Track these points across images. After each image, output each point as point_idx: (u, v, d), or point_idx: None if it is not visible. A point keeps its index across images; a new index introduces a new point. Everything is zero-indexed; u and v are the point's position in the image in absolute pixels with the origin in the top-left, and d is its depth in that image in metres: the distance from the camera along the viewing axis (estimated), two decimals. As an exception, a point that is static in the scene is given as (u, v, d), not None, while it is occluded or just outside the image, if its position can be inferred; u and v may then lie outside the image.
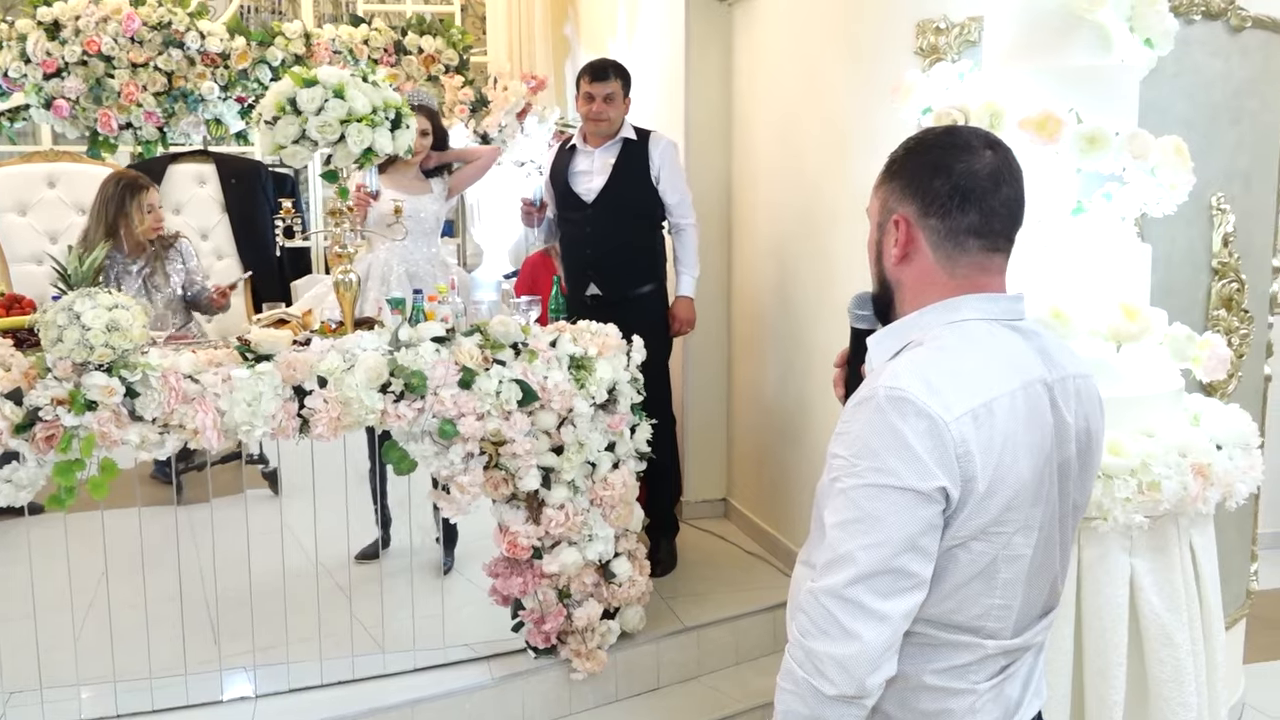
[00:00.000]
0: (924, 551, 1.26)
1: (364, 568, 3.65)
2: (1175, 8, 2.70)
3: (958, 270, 1.38)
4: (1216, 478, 2.22)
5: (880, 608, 1.24)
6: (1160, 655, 2.25)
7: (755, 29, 4.08)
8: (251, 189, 4.91)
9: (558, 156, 4.08)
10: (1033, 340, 1.39)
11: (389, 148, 2.92)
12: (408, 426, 2.83)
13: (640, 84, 4.62)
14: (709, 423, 4.51)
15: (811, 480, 3.69)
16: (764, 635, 3.52)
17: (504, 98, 4.97)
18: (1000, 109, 2.29)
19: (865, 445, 1.27)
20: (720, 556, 4.05)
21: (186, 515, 3.09)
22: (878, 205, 1.45)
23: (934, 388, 1.26)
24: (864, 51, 3.28)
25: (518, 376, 2.90)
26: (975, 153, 1.36)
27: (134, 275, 3.80)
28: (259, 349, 2.76)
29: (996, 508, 1.28)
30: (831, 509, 1.30)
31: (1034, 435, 1.32)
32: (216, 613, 3.02)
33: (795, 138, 3.73)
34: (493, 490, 2.97)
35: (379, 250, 3.77)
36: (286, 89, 2.83)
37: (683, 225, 3.99)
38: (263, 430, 2.68)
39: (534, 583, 3.04)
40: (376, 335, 2.88)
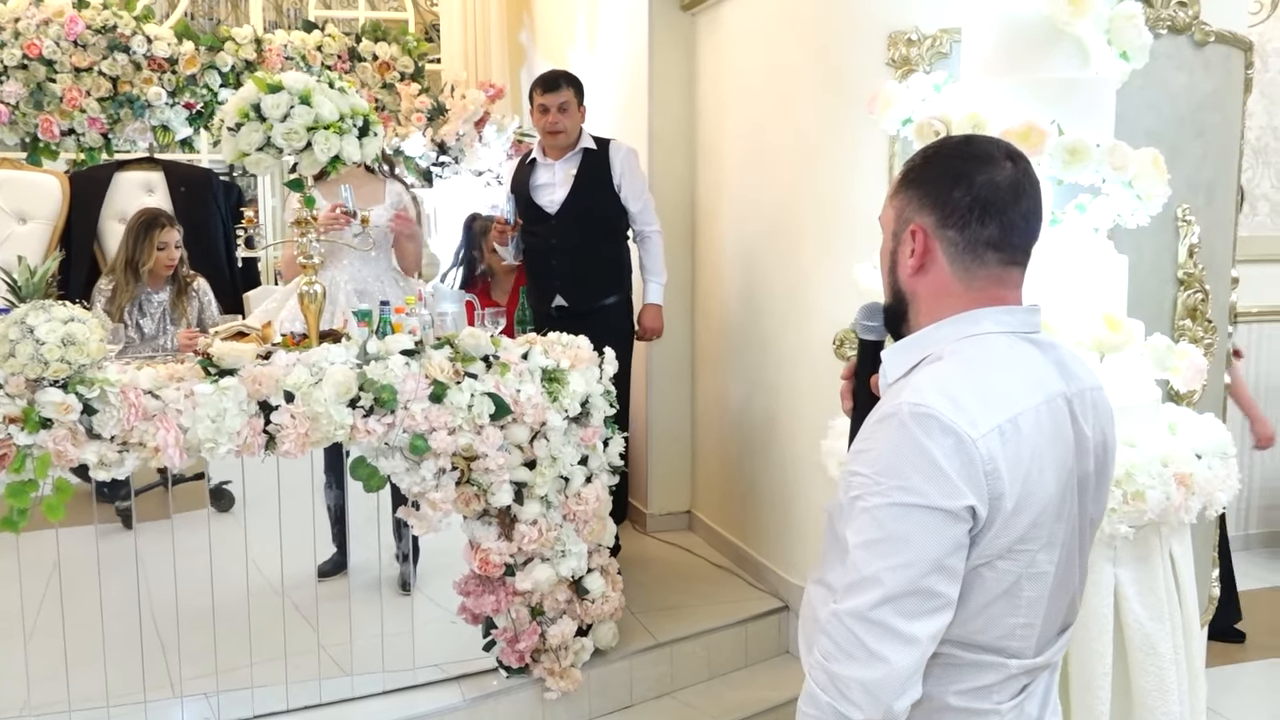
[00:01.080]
0: (951, 571, 1.23)
1: (323, 586, 3.56)
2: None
3: (975, 283, 1.35)
4: (1198, 487, 2.24)
5: (908, 630, 1.21)
6: (1145, 665, 2.26)
7: (719, 37, 4.06)
8: (202, 197, 4.78)
9: (518, 170, 4.04)
10: (1050, 353, 1.37)
11: (356, 155, 2.85)
12: (377, 442, 2.75)
13: (602, 93, 4.60)
14: (672, 434, 4.47)
15: (779, 491, 3.70)
16: (736, 649, 3.49)
17: (462, 106, 4.89)
18: (983, 120, 2.29)
19: (889, 463, 1.24)
20: (688, 569, 4.01)
21: (137, 534, 2.98)
22: (893, 214, 1.42)
23: (959, 404, 1.24)
24: (834, 62, 3.27)
25: (490, 390, 2.84)
26: (996, 163, 1.34)
27: (155, 305, 4.12)
28: (222, 363, 2.66)
29: (1023, 525, 1.26)
30: (854, 528, 1.27)
31: (1058, 450, 1.30)
32: (177, 635, 2.91)
33: (763, 146, 3.71)
34: (464, 506, 2.90)
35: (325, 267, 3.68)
36: (250, 94, 2.74)
37: (647, 233, 3.97)
38: (227, 448, 2.59)
39: (506, 601, 2.97)
40: (344, 348, 2.79)
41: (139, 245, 3.99)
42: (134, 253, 4.00)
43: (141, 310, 4.07)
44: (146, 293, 4.08)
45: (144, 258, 3.99)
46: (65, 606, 2.79)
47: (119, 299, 3.96)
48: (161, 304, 4.10)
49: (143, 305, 4.08)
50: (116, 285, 3.99)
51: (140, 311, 4.06)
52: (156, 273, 4.05)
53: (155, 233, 4.00)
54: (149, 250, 4.00)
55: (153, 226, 4.01)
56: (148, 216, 4.07)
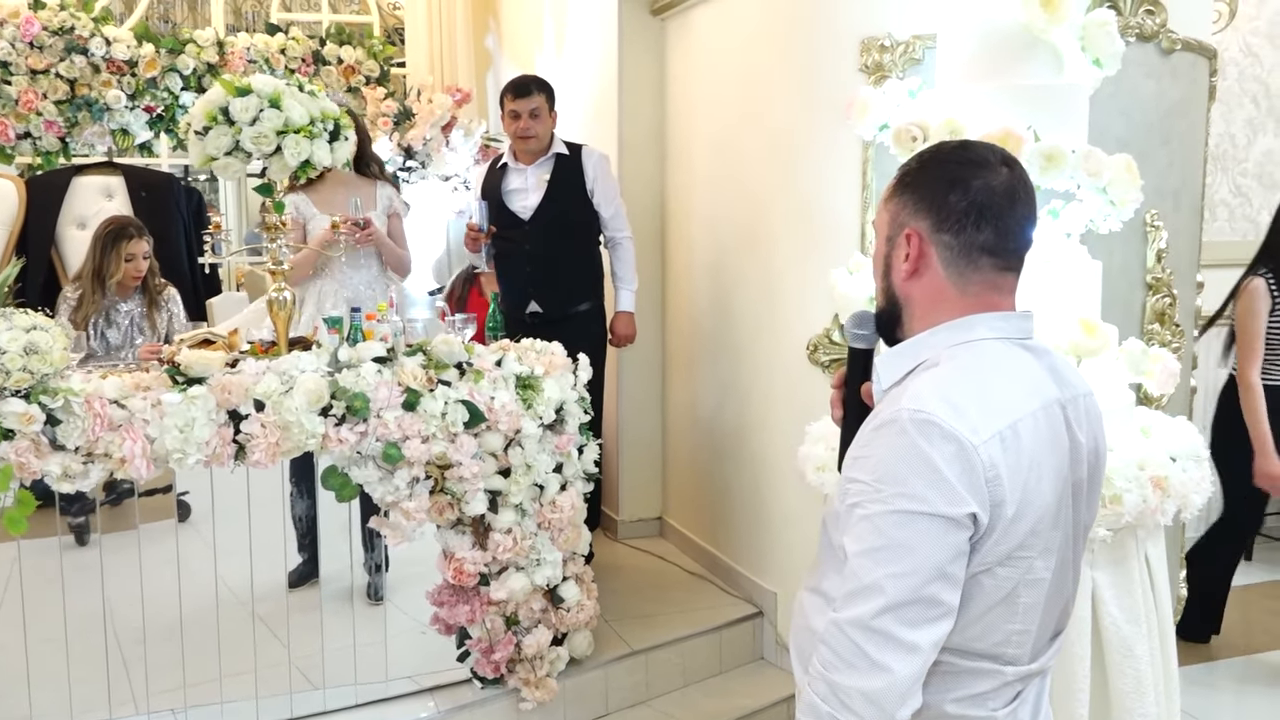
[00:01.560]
0: (953, 579, 1.22)
1: (291, 598, 3.49)
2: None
3: (969, 288, 1.35)
4: (1173, 489, 2.26)
5: (910, 638, 1.20)
6: (1122, 667, 2.27)
7: (689, 43, 4.06)
8: (164, 202, 4.70)
9: (489, 175, 4.00)
10: (1043, 359, 1.37)
11: (327, 160, 2.80)
12: (350, 451, 2.71)
13: (571, 98, 4.57)
14: (643, 440, 4.45)
15: (752, 497, 3.70)
16: (711, 656, 3.48)
17: (429, 110, 4.85)
18: (960, 126, 2.30)
19: (889, 470, 1.23)
20: (662, 577, 3.99)
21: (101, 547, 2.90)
22: (887, 218, 1.41)
23: (959, 410, 1.23)
24: (807, 68, 3.28)
25: (464, 397, 2.81)
26: (992, 169, 1.34)
27: (123, 315, 4.01)
28: (190, 371, 2.61)
29: (1022, 532, 1.25)
30: (854, 536, 1.25)
31: (1055, 457, 1.30)
32: (144, 650, 2.84)
33: (735, 152, 3.71)
34: (437, 515, 2.86)
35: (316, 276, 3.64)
36: (218, 98, 2.69)
37: (619, 239, 3.95)
38: (196, 458, 2.53)
39: (481, 611, 2.94)
40: (315, 356, 2.75)
41: (106, 256, 3.88)
42: (101, 263, 3.89)
43: (108, 320, 3.97)
44: (114, 302, 3.98)
45: (111, 269, 3.89)
46: (27, 621, 2.72)
47: (85, 309, 3.86)
48: (129, 314, 4.00)
49: (110, 315, 3.97)
50: (83, 295, 3.89)
51: (107, 322, 3.96)
52: (124, 284, 3.96)
53: (123, 243, 3.89)
54: (116, 261, 3.88)
55: (120, 237, 3.89)
56: (116, 226, 3.95)
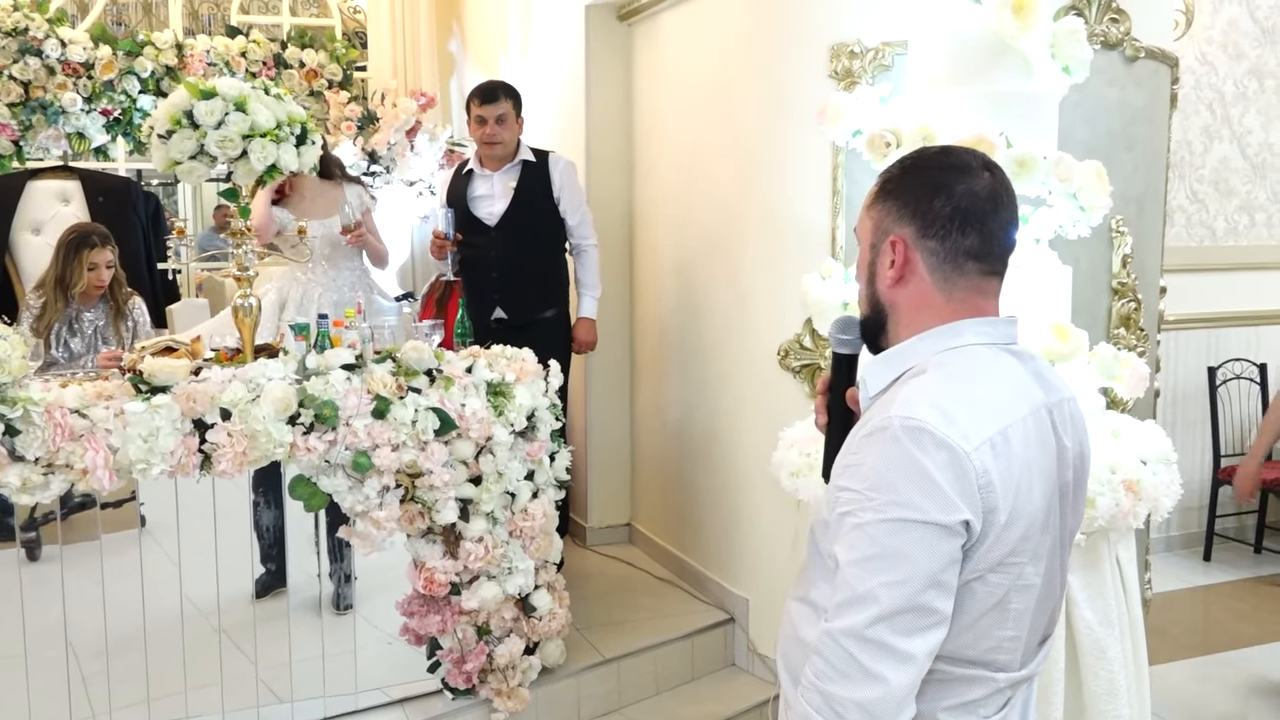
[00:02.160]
0: (946, 587, 1.22)
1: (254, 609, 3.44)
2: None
3: (955, 293, 1.35)
4: (1145, 492, 2.29)
5: (904, 647, 1.20)
6: (1095, 670, 2.29)
7: (657, 48, 4.05)
8: (121, 208, 4.60)
9: (455, 181, 3.97)
10: (1029, 364, 1.37)
11: (294, 164, 2.76)
12: (318, 460, 2.66)
13: (537, 104, 4.55)
14: (611, 446, 4.43)
15: (723, 503, 3.69)
16: (683, 663, 3.46)
17: (394, 115, 4.80)
18: (933, 132, 2.31)
19: (881, 478, 1.23)
20: (631, 583, 3.97)
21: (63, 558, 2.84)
22: (870, 225, 1.40)
23: (950, 417, 1.23)
24: (776, 74, 3.28)
25: (434, 405, 2.78)
26: (974, 173, 1.34)
27: (86, 323, 3.94)
28: (154, 379, 2.55)
29: (1014, 538, 1.25)
30: (845, 545, 1.25)
31: (1044, 461, 1.30)
32: (106, 663, 2.77)
33: (703, 158, 3.71)
34: (408, 524, 2.83)
35: (295, 276, 3.60)
36: (182, 100, 2.63)
37: (584, 246, 3.94)
38: (161, 468, 2.48)
39: (452, 620, 2.90)
40: (282, 363, 2.70)
41: (69, 264, 3.81)
42: (63, 271, 3.82)
43: (71, 329, 3.90)
44: (78, 311, 3.91)
45: (73, 278, 3.81)
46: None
47: (47, 317, 3.79)
48: (93, 323, 3.94)
49: (73, 324, 3.91)
50: (46, 303, 3.81)
51: (70, 330, 3.89)
52: (87, 293, 3.89)
53: (85, 252, 3.82)
54: (78, 270, 3.81)
55: (83, 245, 3.82)
56: (78, 235, 3.88)
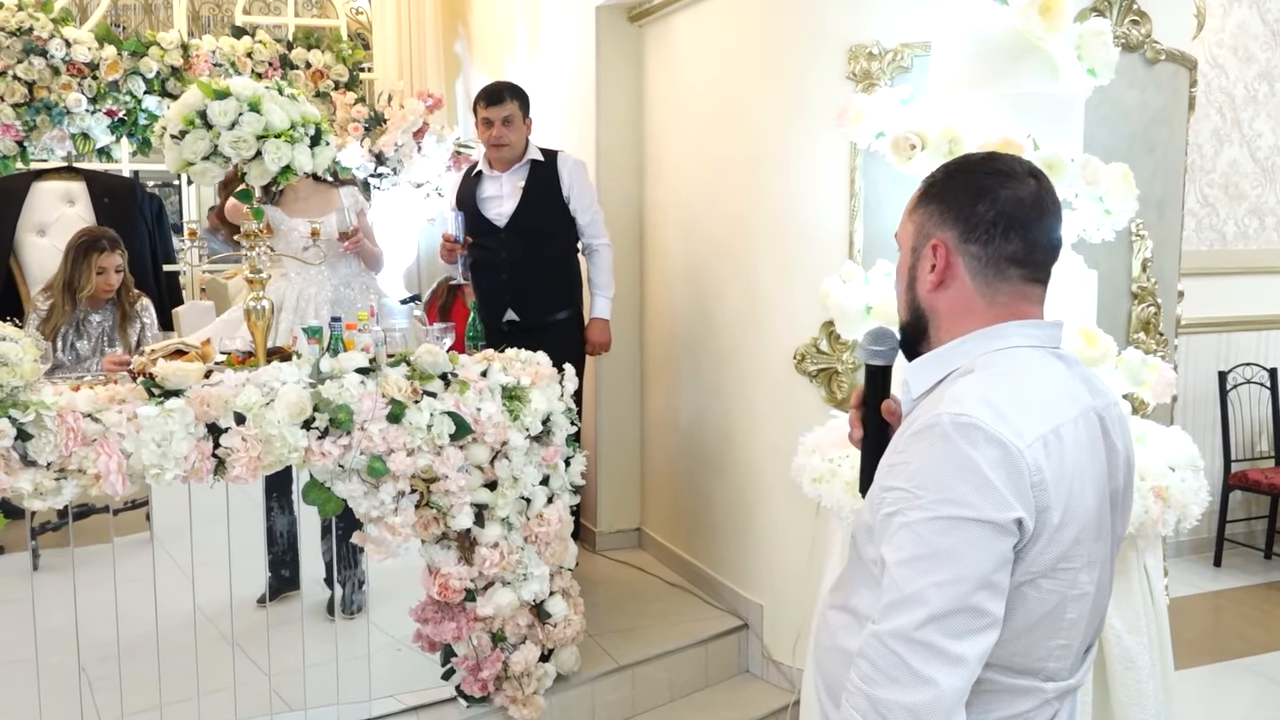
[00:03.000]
0: (998, 588, 1.19)
1: (263, 614, 3.41)
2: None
3: (998, 298, 1.33)
4: (1173, 499, 2.26)
5: (955, 650, 1.16)
6: (1123, 679, 2.26)
7: (669, 50, 4.02)
8: (127, 209, 4.57)
9: (464, 183, 3.94)
10: (1074, 368, 1.35)
11: (308, 165, 2.73)
12: (333, 465, 2.63)
13: (546, 106, 4.52)
14: (621, 450, 4.40)
15: (736, 508, 3.66)
16: (697, 670, 3.43)
17: (401, 116, 4.77)
18: (959, 134, 2.28)
19: (931, 475, 1.20)
20: (642, 588, 3.94)
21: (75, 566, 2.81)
22: (912, 229, 1.38)
23: (1001, 413, 1.20)
24: (791, 75, 3.25)
25: (450, 409, 2.74)
26: (1019, 179, 1.32)
27: (94, 325, 3.92)
28: (167, 383, 2.52)
29: (1066, 541, 1.23)
30: (893, 545, 1.22)
31: (1095, 466, 1.27)
32: (119, 668, 2.74)
33: (715, 159, 3.68)
34: (422, 530, 2.79)
35: (289, 277, 3.56)
36: (195, 100, 2.60)
37: (596, 246, 3.90)
38: (174, 473, 2.44)
39: (467, 627, 2.87)
40: (296, 367, 2.67)
41: (77, 268, 3.80)
42: (72, 275, 3.81)
43: (79, 331, 3.89)
44: (85, 313, 3.90)
45: (82, 282, 3.80)
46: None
47: (54, 319, 3.77)
48: (100, 325, 3.92)
49: (80, 326, 3.89)
50: (54, 305, 3.79)
51: (77, 333, 3.88)
52: (95, 296, 3.87)
53: (94, 256, 3.81)
54: (87, 274, 3.80)
55: (92, 249, 3.81)
56: (88, 238, 3.86)
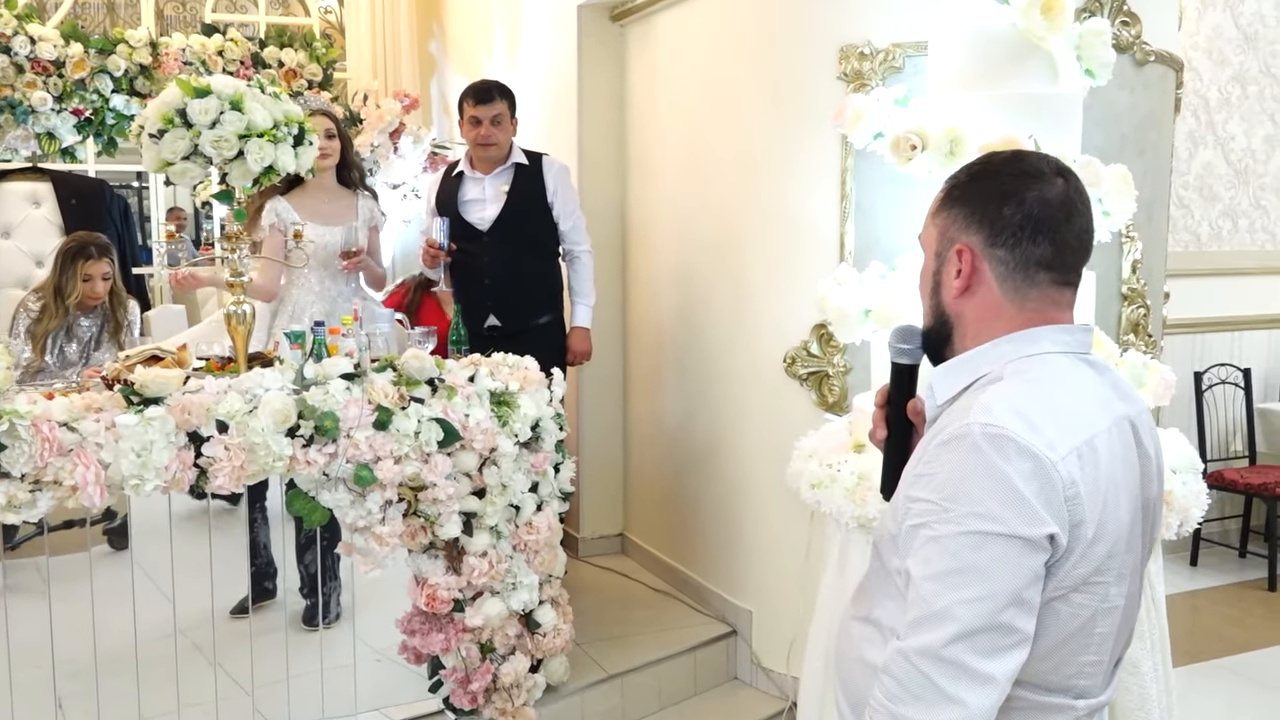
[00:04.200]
0: (1029, 605, 1.15)
1: (236, 625, 3.35)
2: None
3: (1027, 304, 1.29)
4: (1175, 503, 2.25)
5: (984, 668, 1.12)
6: (1128, 684, 2.24)
7: (652, 50, 3.98)
8: (95, 211, 4.46)
9: (444, 184, 3.85)
10: (1104, 374, 1.31)
11: (291, 166, 2.65)
12: (318, 473, 2.55)
13: (526, 106, 4.45)
14: (604, 456, 4.35)
15: (724, 513, 3.62)
16: (685, 678, 3.39)
17: (378, 116, 4.69)
18: (961, 135, 2.26)
19: (960, 488, 1.16)
20: (628, 595, 3.89)
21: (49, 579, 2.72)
22: (936, 233, 1.34)
23: (1033, 424, 1.16)
24: (779, 75, 3.22)
25: (438, 415, 2.68)
26: (1047, 180, 1.28)
27: (83, 329, 3.90)
28: (146, 391, 2.43)
29: (1099, 555, 1.19)
30: (920, 559, 1.17)
31: (1129, 476, 1.24)
32: (96, 682, 2.65)
33: (702, 161, 3.63)
34: (410, 539, 2.72)
35: (290, 288, 3.48)
36: (174, 98, 2.52)
37: (577, 252, 3.83)
38: (155, 484, 2.36)
39: (456, 639, 2.80)
40: (279, 373, 2.59)
41: (65, 275, 3.80)
42: (60, 281, 3.80)
43: (69, 335, 3.88)
44: (75, 318, 3.87)
45: (69, 288, 3.79)
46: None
47: (45, 323, 3.75)
48: (90, 330, 3.89)
49: (71, 330, 3.88)
50: (45, 307, 3.76)
51: (68, 337, 3.87)
52: (83, 303, 3.86)
53: (81, 263, 3.80)
54: (73, 281, 3.79)
55: (79, 256, 3.80)
56: (76, 244, 3.85)
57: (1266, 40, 5.35)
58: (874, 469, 2.35)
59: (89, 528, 3.56)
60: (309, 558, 3.43)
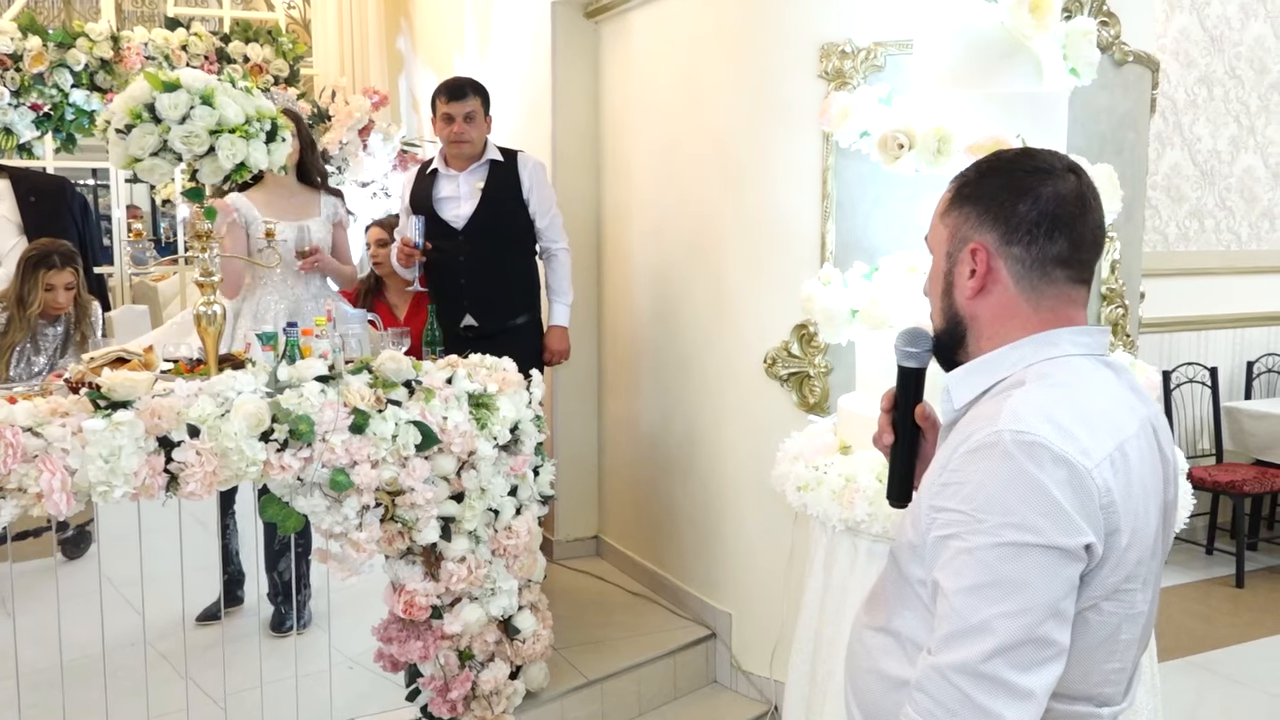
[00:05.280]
0: (1065, 616, 1.13)
1: (203, 635, 3.27)
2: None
3: (1044, 303, 1.26)
4: (1164, 504, 2.23)
5: (1023, 683, 1.10)
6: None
7: (626, 47, 3.94)
8: (55, 209, 4.33)
9: (418, 182, 3.78)
10: (1123, 376, 1.29)
11: (264, 162, 2.58)
12: (292, 478, 2.49)
13: (498, 104, 4.39)
14: (579, 457, 4.30)
15: (703, 515, 3.59)
16: (665, 682, 3.35)
17: (347, 113, 4.61)
18: (949, 133, 2.24)
19: (993, 498, 1.13)
20: (605, 599, 3.84)
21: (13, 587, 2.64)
22: (946, 233, 1.31)
23: (1066, 431, 1.13)
24: (759, 74, 3.19)
25: (415, 418, 2.62)
26: (1059, 175, 1.25)
27: (49, 340, 3.81)
28: (114, 394, 2.35)
29: (1131, 563, 1.17)
30: (951, 571, 1.14)
31: (1156, 480, 1.22)
32: (62, 693, 2.57)
33: (679, 160, 3.60)
34: (387, 545, 2.66)
35: (254, 289, 3.40)
36: (142, 93, 2.44)
37: (554, 250, 3.78)
38: (123, 490, 2.28)
39: (434, 646, 2.74)
40: (252, 375, 2.52)
41: (26, 284, 3.70)
42: (22, 291, 3.70)
43: (35, 345, 3.79)
44: (40, 327, 3.78)
45: (31, 298, 3.68)
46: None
47: (11, 334, 3.67)
48: (56, 340, 3.80)
49: (36, 340, 3.79)
50: (10, 319, 3.68)
51: (35, 347, 3.78)
52: (46, 313, 3.77)
53: (43, 273, 3.69)
54: (36, 291, 3.68)
55: (40, 265, 3.69)
56: (38, 253, 3.75)
57: (1231, 42, 5.41)
58: (861, 471, 2.33)
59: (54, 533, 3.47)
60: (282, 564, 3.35)
